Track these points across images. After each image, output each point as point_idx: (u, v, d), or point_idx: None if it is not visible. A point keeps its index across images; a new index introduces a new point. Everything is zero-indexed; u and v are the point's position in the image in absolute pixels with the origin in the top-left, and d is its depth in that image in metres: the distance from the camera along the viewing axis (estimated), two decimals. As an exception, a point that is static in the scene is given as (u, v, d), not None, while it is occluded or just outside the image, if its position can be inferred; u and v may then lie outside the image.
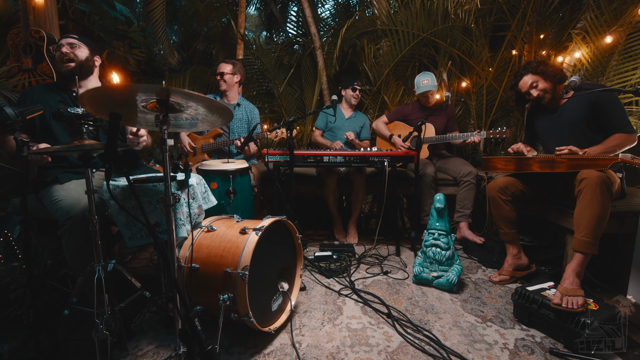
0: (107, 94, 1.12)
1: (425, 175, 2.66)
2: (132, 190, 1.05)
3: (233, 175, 1.95)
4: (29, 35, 2.55)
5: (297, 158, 2.36)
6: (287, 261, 1.73)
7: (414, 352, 1.46)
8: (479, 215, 2.98)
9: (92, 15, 3.75)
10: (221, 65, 2.71)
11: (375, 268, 2.31)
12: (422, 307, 1.83)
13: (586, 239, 1.60)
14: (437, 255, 2.03)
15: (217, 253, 1.45)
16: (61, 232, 1.48)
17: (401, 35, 3.09)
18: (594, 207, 1.59)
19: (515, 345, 1.52)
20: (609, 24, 2.33)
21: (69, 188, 1.57)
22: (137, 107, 1.16)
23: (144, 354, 1.45)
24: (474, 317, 1.73)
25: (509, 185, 2.04)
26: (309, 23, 3.34)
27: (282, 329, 1.62)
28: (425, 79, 2.76)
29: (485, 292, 2.00)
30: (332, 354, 1.45)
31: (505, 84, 3.01)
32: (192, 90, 1.09)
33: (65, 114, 1.15)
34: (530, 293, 1.66)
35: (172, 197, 1.34)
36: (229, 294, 1.36)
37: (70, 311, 1.37)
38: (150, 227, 1.05)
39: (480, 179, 2.74)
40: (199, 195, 1.56)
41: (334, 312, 1.77)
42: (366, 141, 3.09)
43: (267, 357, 1.43)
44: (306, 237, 2.95)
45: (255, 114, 2.79)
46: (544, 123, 2.11)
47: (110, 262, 1.36)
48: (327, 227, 3.03)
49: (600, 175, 1.62)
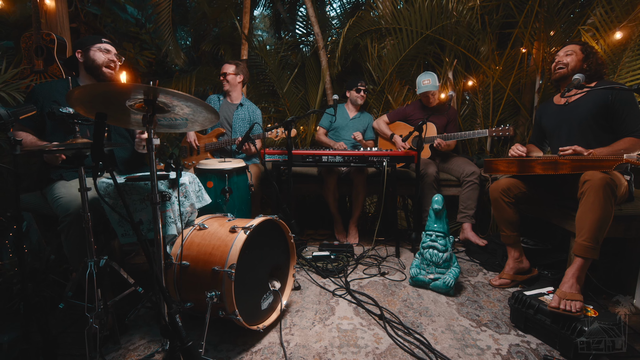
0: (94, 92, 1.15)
1: (427, 175, 2.62)
2: (117, 188, 1.07)
3: (229, 174, 1.97)
4: (41, 38, 2.65)
5: (296, 158, 2.37)
6: (279, 260, 1.73)
7: (402, 354, 1.44)
8: (483, 217, 2.92)
9: (105, 18, 3.86)
10: (225, 65, 2.75)
11: (373, 269, 2.29)
12: (416, 310, 1.80)
13: (587, 243, 1.54)
14: (434, 257, 1.99)
15: (207, 251, 1.47)
16: (60, 228, 1.54)
17: (404, 33, 3.05)
18: (596, 210, 1.53)
19: (508, 351, 1.47)
20: (620, 20, 2.23)
21: (70, 186, 1.63)
22: (125, 107, 1.19)
23: (135, 348, 1.49)
24: (468, 321, 1.69)
25: (511, 187, 1.98)
26: (312, 23, 3.34)
27: (272, 328, 1.62)
28: (426, 79, 2.71)
29: (484, 296, 1.95)
30: (319, 354, 1.45)
31: (511, 82, 2.93)
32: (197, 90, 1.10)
33: (57, 114, 1.18)
34: (528, 298, 1.61)
35: (162, 195, 1.37)
36: (216, 292, 1.37)
37: (66, 305, 1.42)
38: (133, 224, 1.07)
39: (484, 180, 2.68)
40: (191, 193, 1.59)
41: (326, 312, 1.76)
42: (370, 141, 3.07)
43: (254, 355, 1.44)
44: (307, 236, 2.96)
45: (258, 115, 2.81)
46: (553, 120, 2.04)
47: (103, 258, 1.39)
48: (329, 226, 3.02)
49: (603, 177, 1.55)
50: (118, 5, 3.97)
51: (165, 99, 1.14)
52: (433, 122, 2.81)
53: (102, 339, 1.50)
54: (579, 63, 1.91)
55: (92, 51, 1.74)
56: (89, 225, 1.34)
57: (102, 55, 1.76)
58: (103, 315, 1.38)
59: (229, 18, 4.10)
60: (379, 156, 2.36)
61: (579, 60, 1.91)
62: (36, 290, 1.71)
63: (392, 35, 3.14)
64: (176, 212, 1.47)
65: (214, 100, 2.83)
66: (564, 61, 1.94)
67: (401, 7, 3.09)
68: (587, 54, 1.90)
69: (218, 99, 2.83)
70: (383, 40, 3.23)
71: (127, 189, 1.43)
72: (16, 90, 2.47)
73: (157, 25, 3.27)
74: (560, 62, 1.95)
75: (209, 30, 4.74)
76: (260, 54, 3.48)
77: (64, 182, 1.70)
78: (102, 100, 1.16)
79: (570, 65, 1.92)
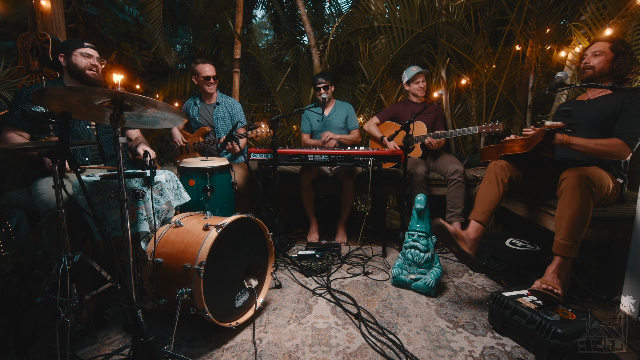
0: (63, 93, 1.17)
1: (415, 175, 2.60)
2: (82, 186, 1.10)
3: (210, 172, 1.99)
4: (36, 39, 2.71)
5: (282, 157, 2.37)
6: (256, 259, 1.74)
7: (373, 354, 1.44)
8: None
9: (104, 19, 3.92)
10: (207, 66, 2.66)
11: (357, 268, 2.29)
12: (394, 310, 1.79)
13: (564, 242, 1.52)
14: (415, 257, 1.98)
15: (180, 248, 1.48)
16: (41, 224, 1.57)
17: (395, 32, 3.02)
18: (573, 208, 1.51)
19: (481, 353, 1.45)
20: (612, 16, 2.17)
21: (51, 182, 1.66)
22: (95, 106, 1.21)
23: (111, 342, 1.52)
24: (445, 322, 1.68)
25: (510, 168, 1.89)
26: (304, 22, 3.34)
27: (247, 325, 1.64)
28: (413, 67, 2.75)
29: (465, 297, 1.93)
30: (289, 352, 1.45)
31: (505, 81, 2.88)
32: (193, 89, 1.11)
33: (28, 112, 1.21)
34: (506, 299, 1.59)
35: (134, 193, 1.39)
36: (187, 289, 1.39)
37: (44, 299, 1.46)
38: (96, 220, 1.09)
39: (470, 179, 2.63)
40: (167, 191, 1.61)
41: (303, 311, 1.77)
42: (355, 131, 2.91)
43: (225, 352, 1.45)
44: (296, 235, 2.96)
45: (237, 108, 2.77)
46: (576, 115, 1.93)
47: (77, 254, 1.42)
48: (321, 226, 3.01)
49: (580, 174, 1.52)
50: (116, 6, 4.03)
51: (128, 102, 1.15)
52: (422, 120, 2.79)
53: (78, 333, 1.54)
54: (607, 64, 1.78)
55: (74, 56, 1.79)
56: (64, 221, 1.37)
57: (84, 60, 1.80)
58: (78, 309, 1.41)
59: (225, 17, 4.13)
60: (365, 155, 2.35)
61: (607, 61, 1.78)
62: (21, 285, 1.76)
63: (383, 34, 3.12)
64: (149, 210, 1.49)
65: (190, 105, 2.81)
66: (591, 63, 1.82)
67: (388, 5, 3.07)
68: (618, 52, 1.77)
69: (194, 102, 2.80)
70: (375, 40, 3.21)
71: (102, 186, 1.46)
72: (10, 89, 2.53)
73: (148, 23, 3.31)
74: (588, 64, 1.83)
75: (209, 30, 4.78)
76: (252, 53, 3.49)
77: (48, 179, 1.74)
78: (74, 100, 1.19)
79: (597, 67, 1.81)
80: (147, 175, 1.49)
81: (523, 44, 2.80)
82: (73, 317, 1.40)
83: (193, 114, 2.78)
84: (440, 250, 2.59)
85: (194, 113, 2.78)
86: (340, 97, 3.47)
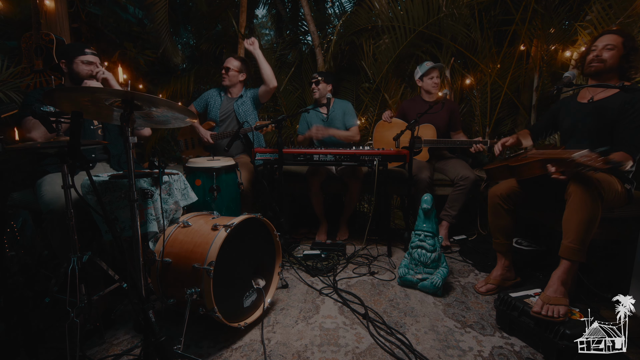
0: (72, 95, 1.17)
1: (419, 181, 2.56)
2: (92, 186, 1.09)
3: (217, 172, 1.99)
4: (40, 38, 2.71)
5: (287, 156, 2.37)
6: (265, 259, 1.74)
7: (382, 354, 1.44)
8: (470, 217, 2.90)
9: (107, 18, 3.92)
10: (229, 59, 2.65)
11: (363, 268, 2.28)
12: (401, 310, 1.79)
13: (573, 245, 1.51)
14: (422, 257, 1.98)
15: (189, 248, 1.48)
16: (44, 225, 1.58)
17: (398, 30, 3.02)
18: (582, 211, 1.50)
19: (490, 353, 1.45)
20: (618, 16, 2.17)
21: (54, 183, 1.66)
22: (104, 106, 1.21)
23: (119, 342, 1.51)
24: (453, 322, 1.68)
25: (511, 193, 1.87)
26: (308, 21, 3.34)
27: (255, 325, 1.63)
28: (427, 62, 2.73)
29: (472, 297, 1.93)
30: (298, 352, 1.45)
31: (509, 80, 2.88)
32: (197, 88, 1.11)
33: (38, 112, 1.21)
34: (513, 299, 1.59)
35: (143, 193, 1.39)
36: (196, 289, 1.39)
37: (52, 299, 1.45)
38: (107, 220, 1.09)
39: (477, 186, 2.61)
40: (175, 191, 1.61)
41: (311, 311, 1.77)
42: (352, 128, 2.81)
43: (234, 352, 1.45)
44: (301, 235, 2.96)
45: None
46: (572, 117, 1.87)
47: (86, 254, 1.42)
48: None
49: (589, 178, 1.52)
50: (119, 5, 4.02)
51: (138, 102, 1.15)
52: (433, 121, 2.72)
53: (87, 334, 1.54)
54: (618, 60, 1.70)
55: (75, 63, 1.81)
56: (73, 222, 1.37)
57: (85, 68, 1.82)
58: (87, 309, 1.40)
59: (228, 17, 4.13)
60: (370, 155, 2.35)
61: (619, 56, 1.70)
62: (27, 285, 1.76)
63: (386, 33, 3.11)
64: (158, 210, 1.48)
65: (213, 95, 2.76)
66: (603, 56, 1.71)
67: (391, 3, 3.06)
68: (629, 49, 1.69)
69: (219, 94, 2.76)
70: (378, 39, 3.20)
71: (110, 187, 1.46)
72: (15, 89, 2.52)
73: (155, 24, 3.31)
74: (599, 57, 1.72)
75: (211, 30, 4.78)
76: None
77: (51, 179, 1.73)
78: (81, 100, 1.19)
79: (608, 62, 1.71)
80: (155, 176, 1.49)
81: (528, 44, 2.79)
82: (82, 318, 1.39)
83: (214, 105, 2.74)
84: (445, 250, 2.59)
85: (215, 104, 2.75)
86: (344, 96, 3.47)
